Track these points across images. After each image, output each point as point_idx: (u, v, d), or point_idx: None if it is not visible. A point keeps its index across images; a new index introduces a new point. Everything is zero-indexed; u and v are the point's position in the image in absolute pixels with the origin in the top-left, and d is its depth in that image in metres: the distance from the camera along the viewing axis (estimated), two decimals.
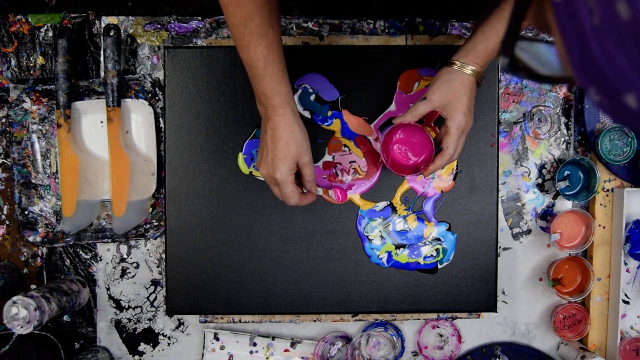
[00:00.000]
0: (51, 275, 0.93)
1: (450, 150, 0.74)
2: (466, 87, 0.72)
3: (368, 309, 0.88)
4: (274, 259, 0.88)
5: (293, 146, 0.70)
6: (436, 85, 0.73)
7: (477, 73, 0.73)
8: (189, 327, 0.94)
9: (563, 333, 0.93)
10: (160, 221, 0.92)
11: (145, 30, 0.92)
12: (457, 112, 0.72)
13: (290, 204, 0.74)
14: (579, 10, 0.26)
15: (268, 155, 0.71)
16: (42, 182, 0.91)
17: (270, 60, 0.68)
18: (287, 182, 0.72)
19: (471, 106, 0.74)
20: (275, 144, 0.70)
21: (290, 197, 0.73)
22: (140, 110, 0.90)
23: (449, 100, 0.72)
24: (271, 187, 0.74)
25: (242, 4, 0.64)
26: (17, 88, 0.92)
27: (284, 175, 0.71)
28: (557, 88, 0.94)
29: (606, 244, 0.94)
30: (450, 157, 0.75)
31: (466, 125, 0.74)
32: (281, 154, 0.70)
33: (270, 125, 0.71)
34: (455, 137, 0.73)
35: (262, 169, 0.72)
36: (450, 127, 0.73)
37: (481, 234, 0.88)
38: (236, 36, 0.67)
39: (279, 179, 0.71)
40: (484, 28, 0.72)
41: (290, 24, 0.93)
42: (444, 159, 0.74)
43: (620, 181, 0.94)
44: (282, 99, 0.70)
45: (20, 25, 0.92)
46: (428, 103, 0.73)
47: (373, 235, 0.88)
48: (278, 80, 0.69)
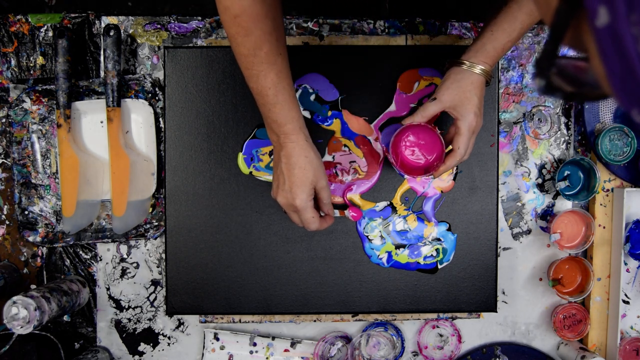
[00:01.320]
0: (51, 275, 0.93)
1: (462, 151, 0.74)
2: (476, 87, 0.72)
3: (368, 309, 0.88)
4: (274, 259, 0.88)
5: (310, 171, 0.70)
6: (446, 86, 0.73)
7: (486, 72, 0.73)
8: (189, 327, 0.94)
9: (563, 333, 0.93)
10: (160, 221, 0.92)
11: (145, 30, 0.92)
12: (468, 112, 0.72)
13: (311, 229, 0.73)
14: (623, 37, 0.26)
15: (285, 183, 0.70)
16: (42, 182, 0.91)
17: (281, 88, 0.67)
18: (307, 208, 0.71)
19: (481, 106, 0.74)
20: (291, 170, 0.70)
21: (312, 222, 0.72)
22: (140, 110, 0.90)
23: (460, 101, 0.72)
24: (290, 214, 0.74)
25: (250, 32, 0.63)
26: (17, 88, 0.92)
27: (303, 201, 0.70)
28: None
29: (606, 244, 0.94)
30: (462, 158, 0.74)
31: (477, 125, 0.74)
32: (299, 180, 0.70)
33: (284, 152, 0.70)
34: (466, 137, 0.73)
35: (280, 198, 0.72)
36: (462, 128, 0.73)
37: (481, 234, 0.88)
38: (245, 66, 0.67)
39: (299, 206, 0.70)
40: (493, 27, 0.72)
41: (290, 24, 0.93)
42: (455, 159, 0.74)
43: (620, 181, 0.94)
44: (294, 126, 0.69)
45: (20, 25, 0.92)
46: (438, 103, 0.73)
47: (373, 235, 0.88)
48: (290, 107, 0.69)
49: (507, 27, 0.71)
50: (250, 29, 0.63)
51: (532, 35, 0.94)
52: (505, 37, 0.72)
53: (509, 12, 0.71)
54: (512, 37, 0.72)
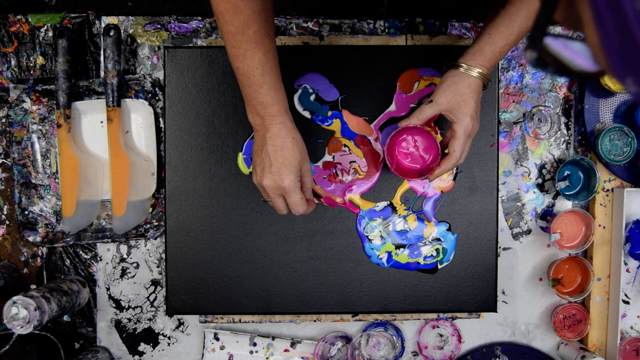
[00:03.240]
0: (51, 275, 0.93)
1: (457, 154, 0.73)
2: (473, 91, 0.72)
3: (368, 309, 0.88)
4: (274, 259, 0.88)
5: (297, 153, 0.70)
6: (443, 88, 0.73)
7: (483, 76, 0.72)
8: (189, 327, 0.94)
9: (563, 333, 0.93)
10: (160, 221, 0.92)
11: (145, 30, 0.92)
12: (464, 116, 0.72)
13: (299, 212, 0.73)
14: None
15: (273, 165, 0.70)
16: (42, 182, 0.91)
17: (268, 69, 0.67)
18: (296, 190, 0.71)
19: (478, 109, 0.74)
20: (278, 152, 0.69)
21: (300, 204, 0.72)
22: (140, 110, 0.90)
23: (456, 104, 0.72)
24: (274, 199, 0.72)
25: (239, 10, 0.63)
26: (17, 88, 0.92)
27: (292, 182, 0.70)
28: (557, 88, 0.94)
29: (606, 244, 0.94)
30: (457, 161, 0.74)
31: (473, 128, 0.73)
32: (287, 161, 0.69)
33: (270, 135, 0.70)
34: (462, 140, 0.73)
35: (268, 181, 0.71)
36: (457, 131, 0.72)
37: (481, 234, 0.88)
38: (232, 44, 0.66)
39: (287, 187, 0.70)
40: (490, 30, 0.72)
41: (290, 24, 0.93)
42: (450, 163, 0.74)
43: (620, 181, 0.94)
44: (280, 107, 0.69)
45: (20, 25, 0.92)
46: (435, 106, 0.73)
47: (373, 235, 0.88)
48: (276, 88, 0.68)
49: (505, 30, 0.71)
50: (240, 6, 0.63)
51: None
52: (503, 40, 0.71)
53: (507, 15, 0.71)
54: (510, 40, 0.71)
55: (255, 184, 0.73)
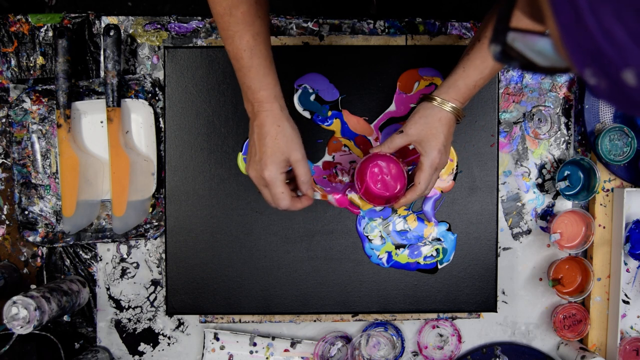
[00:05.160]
0: (51, 275, 0.93)
1: (422, 186, 0.73)
2: (444, 125, 0.72)
3: (368, 309, 0.88)
4: (274, 259, 0.88)
5: (281, 141, 0.67)
6: (414, 120, 0.73)
7: (456, 110, 0.72)
8: (189, 327, 0.94)
9: (563, 333, 0.93)
10: (160, 221, 0.92)
11: (145, 30, 0.92)
12: (432, 149, 0.72)
13: (281, 207, 0.69)
14: None
15: (256, 154, 0.67)
16: (42, 182, 0.91)
17: (257, 52, 0.65)
18: (276, 182, 0.67)
19: (448, 144, 0.73)
20: (262, 140, 0.67)
21: (281, 198, 0.68)
22: (140, 110, 0.90)
23: (425, 136, 0.72)
24: (261, 191, 0.70)
25: None
26: (17, 88, 0.92)
27: (272, 173, 0.67)
28: (557, 88, 0.94)
29: (606, 244, 0.94)
30: (422, 192, 0.74)
31: (440, 162, 0.73)
32: (270, 150, 0.66)
33: (257, 122, 0.67)
34: (427, 173, 0.72)
35: (251, 171, 0.69)
36: (424, 163, 0.72)
37: (481, 234, 0.88)
38: (222, 27, 0.65)
39: (267, 178, 0.67)
40: (465, 63, 0.71)
41: (290, 24, 0.93)
42: (415, 194, 0.74)
43: (620, 181, 0.94)
44: (268, 93, 0.67)
45: (20, 25, 0.92)
46: (405, 137, 0.73)
47: (373, 235, 0.88)
48: (265, 72, 0.66)
49: (480, 64, 0.70)
50: None
51: None
52: (477, 74, 0.71)
53: (482, 49, 0.70)
54: (485, 74, 0.71)
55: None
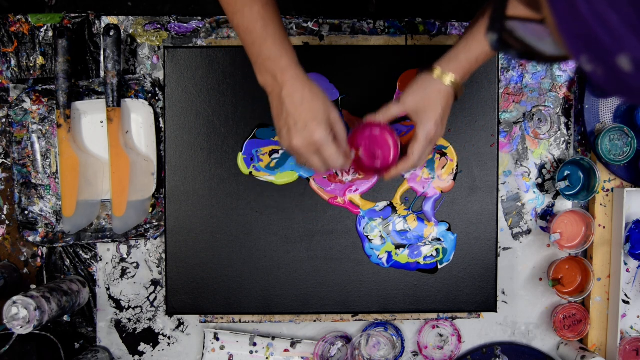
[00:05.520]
0: (51, 275, 0.93)
1: (415, 157, 0.72)
2: (442, 97, 0.70)
3: (368, 309, 0.88)
4: (274, 259, 0.88)
5: (318, 103, 0.65)
6: (412, 90, 0.71)
7: (456, 84, 0.71)
8: (189, 327, 0.94)
9: (563, 333, 0.93)
10: (160, 221, 0.92)
11: (145, 30, 0.92)
12: (428, 121, 0.70)
13: (338, 166, 0.68)
14: None
15: (298, 123, 0.65)
16: (42, 182, 0.91)
17: (269, 20, 0.63)
18: (329, 142, 0.66)
19: (445, 117, 0.72)
20: (300, 107, 0.64)
21: (337, 157, 0.67)
22: (140, 110, 0.90)
23: (423, 107, 0.70)
24: (310, 159, 0.68)
25: None
26: (17, 88, 0.92)
27: (324, 134, 0.65)
28: (557, 88, 0.94)
29: (606, 244, 0.94)
30: (414, 164, 0.72)
31: (435, 135, 0.72)
32: (313, 114, 0.65)
33: (286, 91, 0.65)
34: (421, 145, 0.71)
35: (297, 140, 0.66)
36: (419, 135, 0.71)
37: (481, 234, 0.88)
38: (227, 1, 0.63)
39: (319, 141, 0.65)
40: (468, 37, 0.70)
41: (290, 24, 0.93)
42: (407, 165, 0.72)
43: (620, 181, 0.94)
44: (290, 59, 0.64)
45: (20, 25, 0.92)
46: (401, 106, 0.72)
47: (373, 235, 0.88)
48: (282, 40, 0.64)
49: (482, 39, 0.69)
50: None
51: None
52: (479, 49, 0.69)
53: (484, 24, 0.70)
54: (487, 49, 0.69)
55: (285, 149, 0.69)
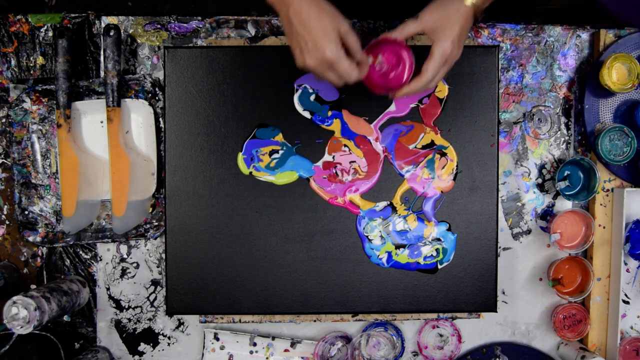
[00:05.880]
0: (51, 275, 0.93)
1: (429, 75, 0.70)
2: (462, 16, 0.69)
3: (368, 309, 0.88)
4: (274, 259, 0.88)
5: (327, 19, 0.65)
6: (432, 7, 0.70)
7: (476, 6, 0.69)
8: (189, 327, 0.94)
9: (563, 333, 0.93)
10: (160, 221, 0.92)
11: (145, 30, 0.92)
12: (445, 39, 0.69)
13: (353, 79, 0.68)
14: None
15: (308, 43, 0.65)
16: (42, 182, 0.91)
17: None
18: (341, 57, 0.66)
19: (462, 38, 0.70)
20: (307, 25, 0.64)
21: (350, 72, 0.67)
22: (140, 110, 0.90)
23: (440, 25, 0.69)
24: (326, 76, 0.68)
25: None
26: (17, 88, 0.92)
27: (334, 51, 0.65)
28: (557, 88, 0.94)
29: (606, 244, 0.94)
30: (427, 83, 0.71)
31: (451, 54, 0.70)
32: (321, 31, 0.64)
33: (292, 10, 0.65)
34: (436, 62, 0.70)
35: (310, 59, 0.66)
36: (435, 52, 0.70)
37: (481, 234, 0.88)
38: None
39: (331, 57, 0.65)
40: None
41: None
42: (420, 83, 0.71)
43: (620, 181, 0.94)
44: None
45: (20, 25, 0.92)
46: (418, 23, 0.70)
47: (373, 235, 0.88)
48: None
49: None
50: None
51: (532, 35, 0.94)
52: None
53: None
54: None
55: (300, 69, 0.69)
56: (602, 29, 0.93)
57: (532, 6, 1.27)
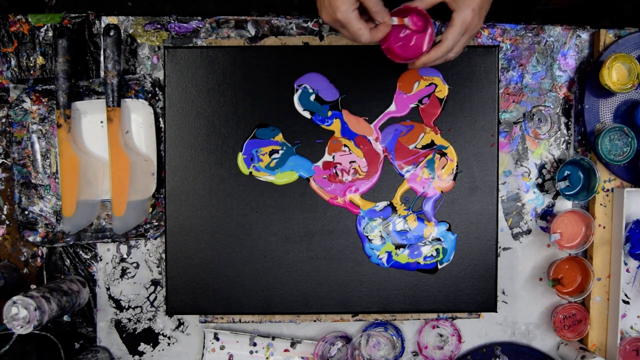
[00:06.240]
0: (51, 275, 0.93)
1: (449, 43, 0.70)
2: None
3: (368, 309, 0.88)
4: (274, 259, 0.88)
5: None
6: None
7: None
8: (189, 327, 0.94)
9: (563, 333, 0.93)
10: (160, 221, 0.92)
11: (145, 30, 0.92)
12: (466, 7, 0.68)
13: (363, 41, 0.69)
14: None
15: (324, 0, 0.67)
16: (42, 182, 0.91)
17: None
18: (351, 20, 0.67)
19: (484, 8, 0.70)
20: None
21: (360, 34, 0.68)
22: (140, 110, 0.90)
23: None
24: (341, 32, 0.70)
25: None
26: (17, 88, 0.92)
27: (344, 12, 0.67)
28: (557, 88, 0.94)
29: (606, 244, 0.94)
30: (447, 51, 0.70)
31: (471, 23, 0.69)
32: None
33: None
34: (457, 31, 0.69)
35: (324, 15, 0.69)
36: (455, 20, 0.69)
37: (481, 234, 0.88)
38: None
39: (341, 19, 0.67)
40: None
41: (290, 24, 0.93)
42: (439, 51, 0.70)
43: (620, 181, 0.94)
44: None
45: (20, 25, 0.92)
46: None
47: (373, 235, 0.88)
48: None
49: None
50: None
51: (532, 35, 0.94)
52: None
53: None
54: None
55: None
56: (602, 29, 0.93)
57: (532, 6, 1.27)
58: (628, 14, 1.35)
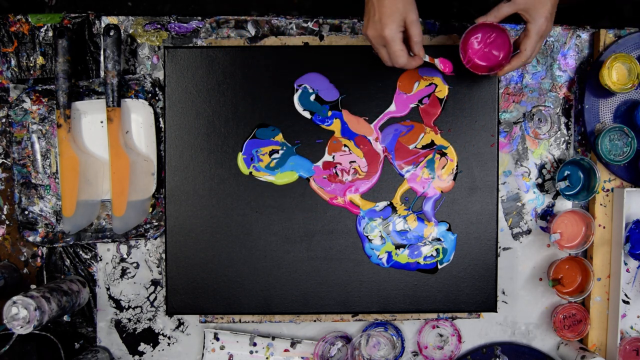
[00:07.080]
0: (51, 275, 0.93)
1: (528, 53, 0.76)
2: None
3: (368, 309, 0.88)
4: (274, 259, 0.88)
5: (400, 3, 0.71)
6: None
7: None
8: (189, 327, 0.94)
9: (563, 333, 0.93)
10: (160, 221, 0.92)
11: (145, 30, 0.93)
12: (540, 16, 0.74)
13: (399, 64, 0.74)
14: None
15: (375, 14, 0.72)
16: (42, 182, 0.91)
17: None
18: (395, 39, 0.72)
19: (553, 12, 0.75)
20: (382, 2, 0.71)
21: (399, 55, 0.73)
22: (140, 111, 0.90)
23: (533, 4, 0.74)
24: (378, 50, 0.75)
25: None
26: (17, 88, 0.92)
27: (392, 31, 0.71)
28: (557, 88, 0.94)
29: (606, 244, 0.94)
30: (527, 59, 0.77)
31: (546, 30, 0.75)
32: (389, 10, 0.71)
33: None
34: (534, 40, 0.75)
35: (370, 30, 0.73)
36: (531, 30, 0.75)
37: (481, 234, 0.88)
38: None
39: (387, 36, 0.71)
40: None
41: (290, 24, 0.93)
42: (520, 61, 0.77)
43: (620, 181, 0.94)
44: None
45: (20, 25, 0.92)
46: (512, 5, 0.75)
47: (373, 235, 0.88)
48: None
49: None
50: None
51: None
52: None
53: None
54: None
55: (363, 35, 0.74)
56: (602, 29, 0.93)
57: None
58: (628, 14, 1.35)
